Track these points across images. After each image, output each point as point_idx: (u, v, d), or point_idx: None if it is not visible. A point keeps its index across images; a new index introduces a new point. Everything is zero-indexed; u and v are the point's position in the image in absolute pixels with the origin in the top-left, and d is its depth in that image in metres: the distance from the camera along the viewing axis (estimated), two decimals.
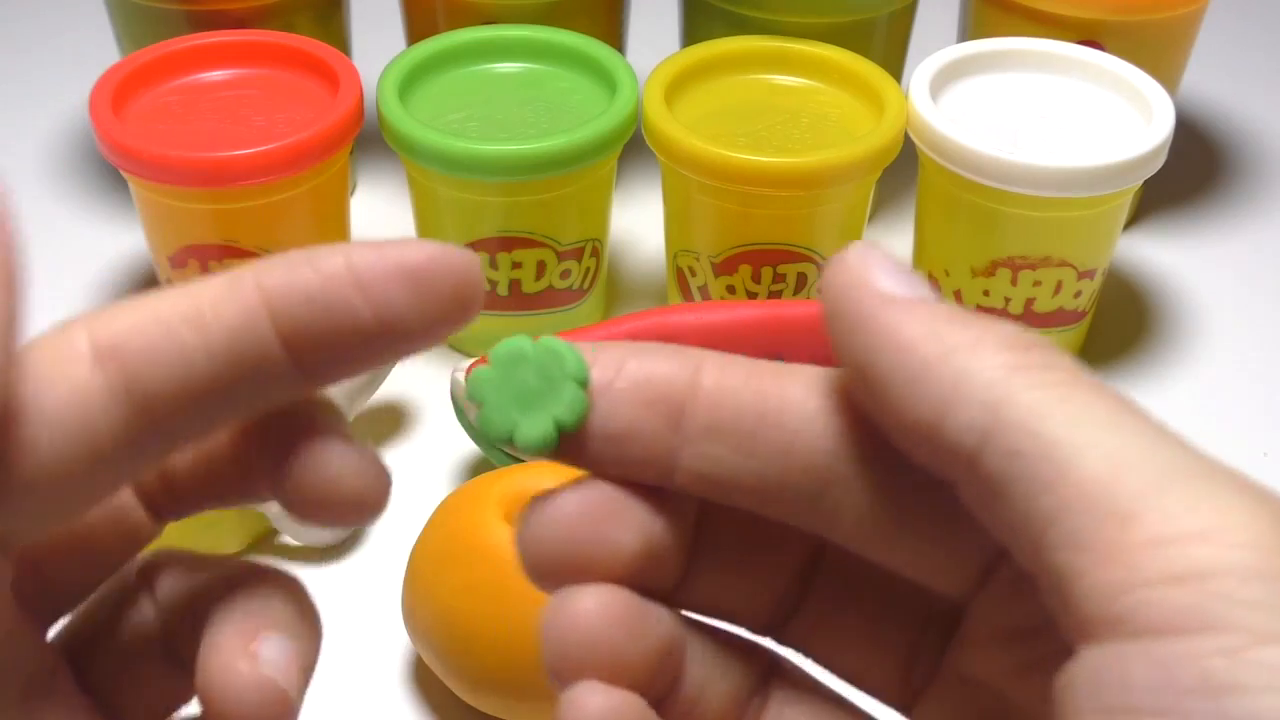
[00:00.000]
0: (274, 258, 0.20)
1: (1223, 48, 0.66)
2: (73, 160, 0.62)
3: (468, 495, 0.36)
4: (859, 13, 0.52)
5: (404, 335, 0.20)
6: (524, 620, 0.34)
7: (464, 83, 0.50)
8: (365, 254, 0.20)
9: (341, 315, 0.20)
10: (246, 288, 0.20)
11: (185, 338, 0.20)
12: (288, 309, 0.20)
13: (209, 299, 0.20)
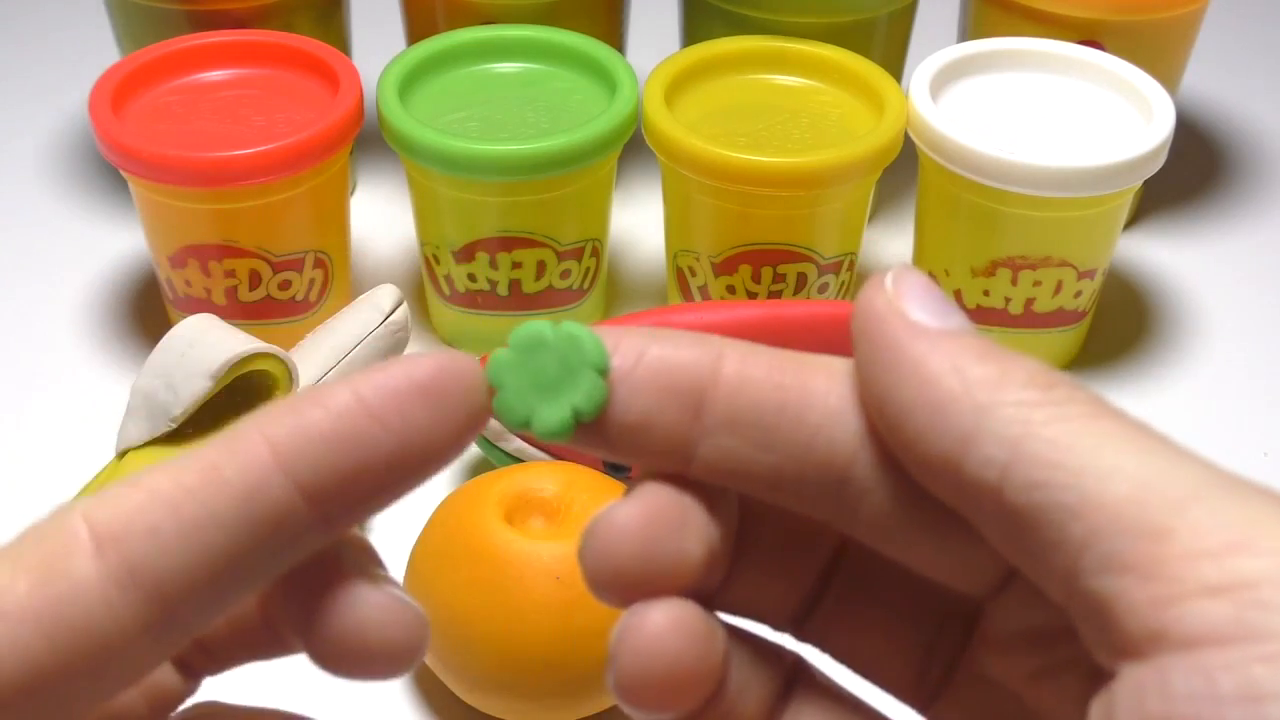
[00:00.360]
0: (275, 405, 0.19)
1: (1223, 48, 0.66)
2: (73, 160, 0.62)
3: (468, 495, 0.36)
4: (859, 13, 0.52)
5: (427, 456, 0.19)
6: (523, 620, 0.34)
7: (464, 83, 0.50)
8: (372, 381, 0.19)
9: (362, 451, 0.19)
10: (253, 445, 0.18)
11: (192, 514, 0.18)
12: (303, 458, 0.18)
13: (213, 466, 0.18)
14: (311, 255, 0.48)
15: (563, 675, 0.34)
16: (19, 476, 0.46)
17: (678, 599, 0.21)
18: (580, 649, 0.34)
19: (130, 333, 0.52)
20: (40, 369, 0.50)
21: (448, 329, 0.51)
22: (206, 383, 0.39)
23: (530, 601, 0.34)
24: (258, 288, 0.48)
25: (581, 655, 0.34)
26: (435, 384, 0.19)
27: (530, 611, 0.34)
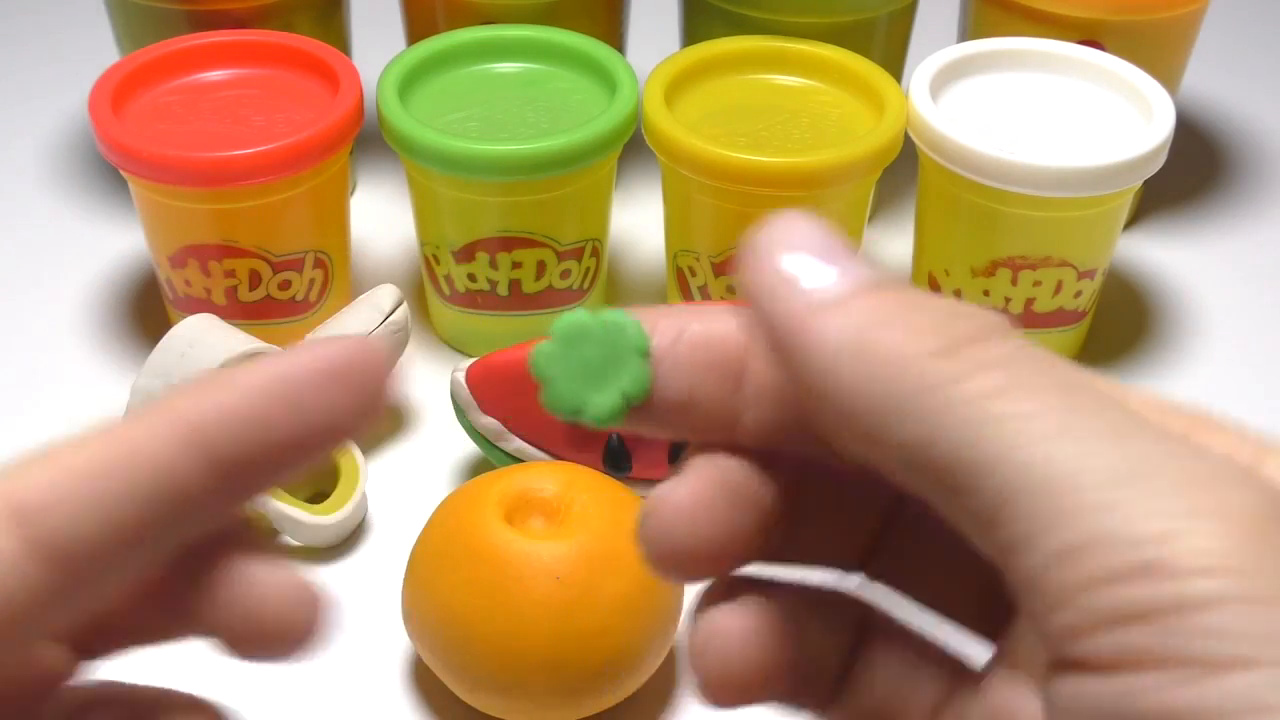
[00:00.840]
0: (189, 385, 0.20)
1: (1223, 48, 0.66)
2: (73, 160, 0.62)
3: (468, 495, 0.36)
4: (859, 13, 0.52)
5: (331, 437, 0.20)
6: (523, 620, 0.34)
7: (464, 83, 0.50)
8: (284, 364, 0.20)
9: (272, 431, 0.19)
10: (168, 421, 0.19)
11: (105, 488, 0.19)
12: (216, 436, 0.19)
13: (128, 440, 0.19)
14: (311, 255, 0.48)
15: (563, 675, 0.34)
16: None
17: (752, 598, 0.22)
18: (580, 649, 0.34)
19: (130, 333, 0.52)
20: (40, 369, 0.50)
21: (448, 329, 0.51)
22: None
23: (530, 602, 0.34)
24: (258, 288, 0.48)
25: (581, 655, 0.34)
26: (345, 369, 0.20)
27: (530, 611, 0.34)
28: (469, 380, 0.43)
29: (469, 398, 0.43)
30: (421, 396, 0.49)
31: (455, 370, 0.43)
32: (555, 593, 0.34)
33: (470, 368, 0.43)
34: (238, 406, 0.19)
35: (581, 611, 0.34)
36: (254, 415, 0.19)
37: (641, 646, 0.35)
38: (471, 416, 0.43)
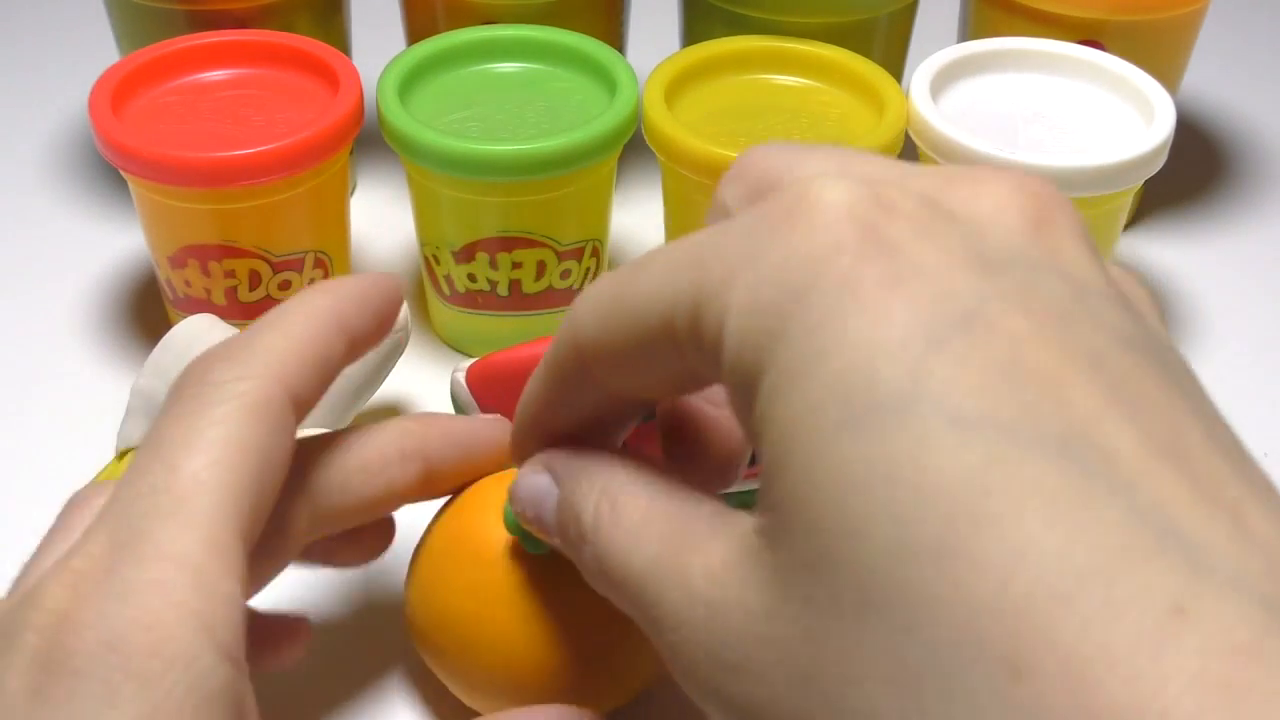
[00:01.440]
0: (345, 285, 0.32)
1: (1223, 48, 0.66)
2: (73, 160, 0.62)
3: (471, 497, 0.36)
4: (859, 13, 0.52)
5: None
6: (525, 627, 0.34)
7: (464, 83, 0.50)
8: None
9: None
10: (325, 324, 0.32)
11: (316, 362, 0.30)
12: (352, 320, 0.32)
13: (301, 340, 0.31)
14: (311, 255, 0.48)
15: (565, 680, 0.34)
16: (19, 476, 0.46)
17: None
18: (584, 655, 0.34)
19: (130, 333, 0.52)
20: (40, 369, 0.50)
21: (448, 329, 0.51)
22: None
23: (532, 608, 0.34)
24: (258, 288, 0.48)
25: (585, 660, 0.34)
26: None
27: (532, 618, 0.34)
28: (469, 380, 0.43)
29: (469, 398, 0.43)
30: (421, 396, 0.49)
31: (455, 370, 0.43)
32: (561, 604, 0.34)
33: (470, 368, 0.43)
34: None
35: (590, 627, 0.34)
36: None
37: (646, 650, 0.35)
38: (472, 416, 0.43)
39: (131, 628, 0.24)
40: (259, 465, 0.28)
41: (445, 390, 0.44)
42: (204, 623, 0.25)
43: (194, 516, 0.26)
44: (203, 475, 0.27)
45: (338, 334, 0.31)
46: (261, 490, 0.28)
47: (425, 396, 0.49)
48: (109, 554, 0.26)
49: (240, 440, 0.27)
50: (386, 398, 0.49)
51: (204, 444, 0.27)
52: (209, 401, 0.28)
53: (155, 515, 0.26)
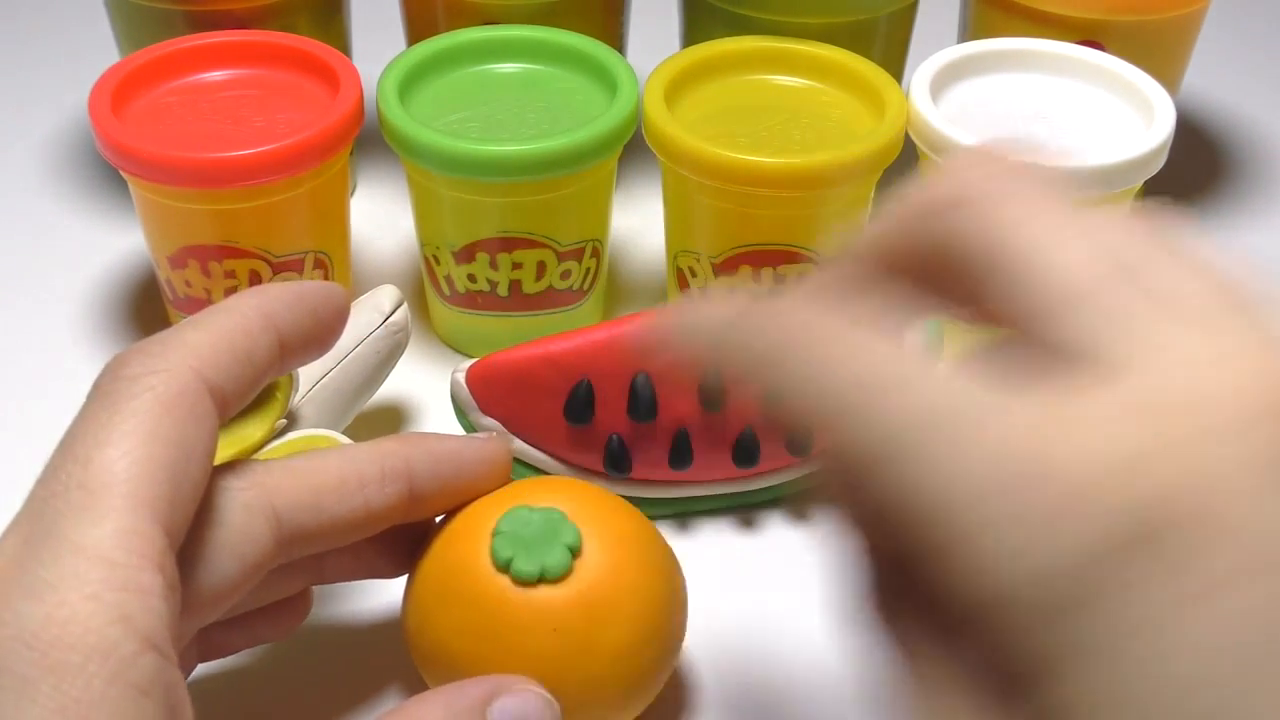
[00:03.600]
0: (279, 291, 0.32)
1: (1223, 48, 0.66)
2: (73, 160, 0.62)
3: (460, 526, 0.35)
4: (859, 13, 0.52)
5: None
6: (518, 669, 0.33)
7: (464, 83, 0.50)
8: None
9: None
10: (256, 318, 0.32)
11: (243, 356, 0.31)
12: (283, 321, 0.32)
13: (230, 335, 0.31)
14: (311, 256, 0.48)
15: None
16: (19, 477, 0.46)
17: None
18: (577, 698, 0.33)
19: (130, 333, 0.52)
20: (40, 369, 0.50)
21: (448, 329, 0.51)
22: None
23: (525, 652, 0.33)
24: None
25: (579, 703, 0.33)
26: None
27: (525, 662, 0.33)
28: (469, 381, 0.43)
29: (469, 398, 0.43)
30: (421, 397, 0.49)
31: (455, 371, 0.43)
32: (552, 644, 0.33)
33: (470, 368, 0.43)
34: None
35: (579, 661, 0.33)
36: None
37: (640, 687, 0.35)
38: (472, 417, 0.43)
39: (46, 623, 0.24)
40: (175, 456, 0.27)
41: (445, 390, 0.44)
42: (121, 613, 0.25)
43: (106, 509, 0.26)
44: (115, 467, 0.26)
45: (262, 330, 0.31)
46: (180, 481, 0.27)
47: (425, 397, 0.49)
48: (22, 551, 0.26)
49: (154, 432, 0.27)
50: (386, 398, 0.49)
51: (116, 437, 0.27)
52: (122, 396, 0.28)
53: (67, 510, 0.26)
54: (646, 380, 0.42)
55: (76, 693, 0.24)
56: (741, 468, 0.43)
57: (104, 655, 0.24)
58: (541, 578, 0.33)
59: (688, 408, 0.42)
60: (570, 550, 0.34)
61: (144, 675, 0.25)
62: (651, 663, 0.35)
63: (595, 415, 0.42)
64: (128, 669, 0.24)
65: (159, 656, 0.25)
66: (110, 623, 0.25)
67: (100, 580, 0.25)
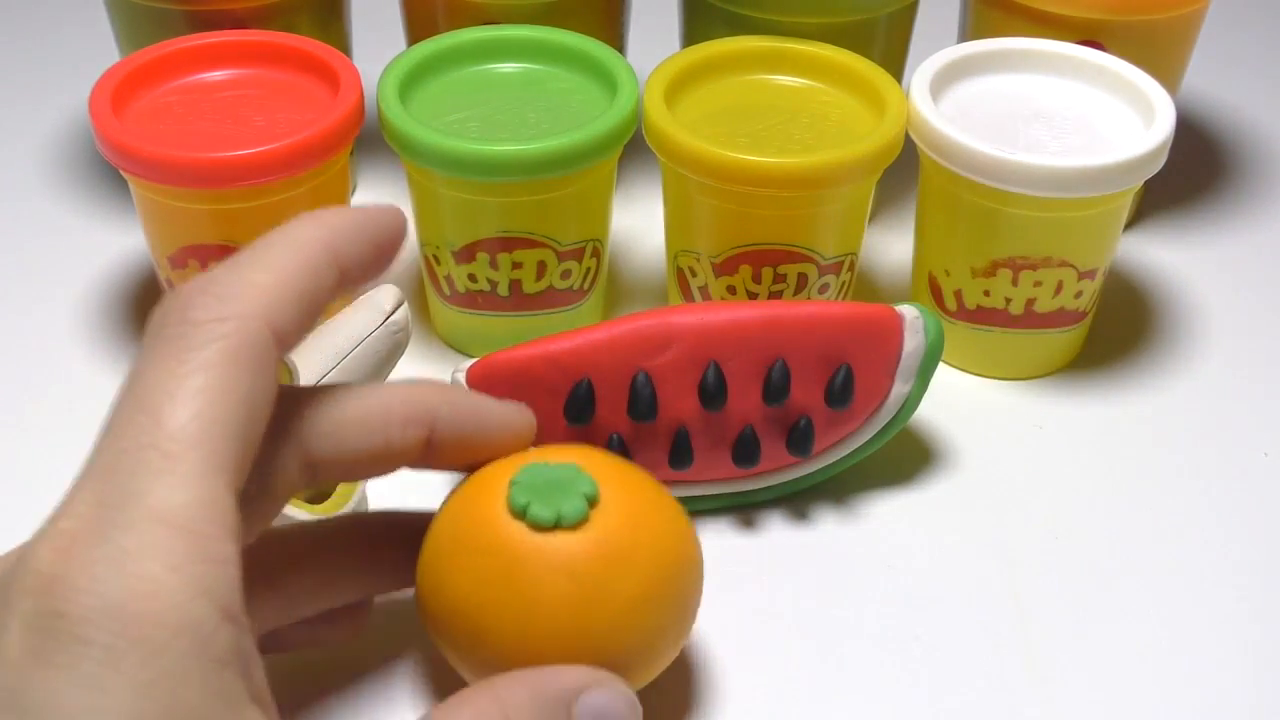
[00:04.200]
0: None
1: (1223, 48, 0.66)
2: (73, 160, 0.62)
3: (480, 481, 0.36)
4: (859, 13, 0.52)
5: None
6: (533, 617, 0.33)
7: (464, 83, 0.50)
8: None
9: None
10: (316, 251, 0.31)
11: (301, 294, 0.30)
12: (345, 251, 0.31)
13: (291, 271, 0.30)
14: None
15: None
16: (19, 477, 0.46)
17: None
18: (591, 647, 0.34)
19: (130, 333, 0.52)
20: (40, 369, 0.50)
21: (448, 329, 0.51)
22: None
23: (542, 599, 0.33)
24: None
25: (593, 653, 0.34)
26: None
27: (541, 609, 0.33)
28: (469, 381, 0.43)
29: None
30: None
31: (455, 371, 0.43)
32: (567, 590, 0.33)
33: (471, 368, 0.43)
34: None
35: (594, 609, 0.33)
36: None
37: (654, 644, 0.35)
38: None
39: (130, 595, 0.24)
40: (246, 414, 0.27)
41: None
42: (203, 586, 0.25)
43: (184, 474, 0.26)
44: (190, 428, 0.26)
45: (328, 266, 0.30)
46: (248, 439, 0.27)
47: None
48: (97, 514, 0.26)
49: (225, 388, 0.27)
50: None
51: (188, 394, 0.26)
52: (190, 344, 0.27)
53: (144, 473, 0.26)
54: (646, 380, 0.42)
55: (163, 666, 0.24)
56: (741, 468, 0.43)
57: (189, 630, 0.25)
58: (557, 524, 0.33)
59: (688, 408, 0.42)
60: (587, 499, 0.34)
61: (224, 647, 0.25)
62: (667, 618, 0.35)
63: (595, 415, 0.42)
64: (210, 643, 0.25)
65: (236, 627, 0.26)
66: (193, 597, 0.25)
67: (183, 552, 0.25)
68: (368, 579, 0.37)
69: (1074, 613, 0.42)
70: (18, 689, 0.24)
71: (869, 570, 0.43)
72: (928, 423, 0.48)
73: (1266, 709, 0.39)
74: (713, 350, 0.42)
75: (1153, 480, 0.47)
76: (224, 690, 0.25)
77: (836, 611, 0.42)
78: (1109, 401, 0.50)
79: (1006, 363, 0.50)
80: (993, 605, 0.42)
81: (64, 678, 0.24)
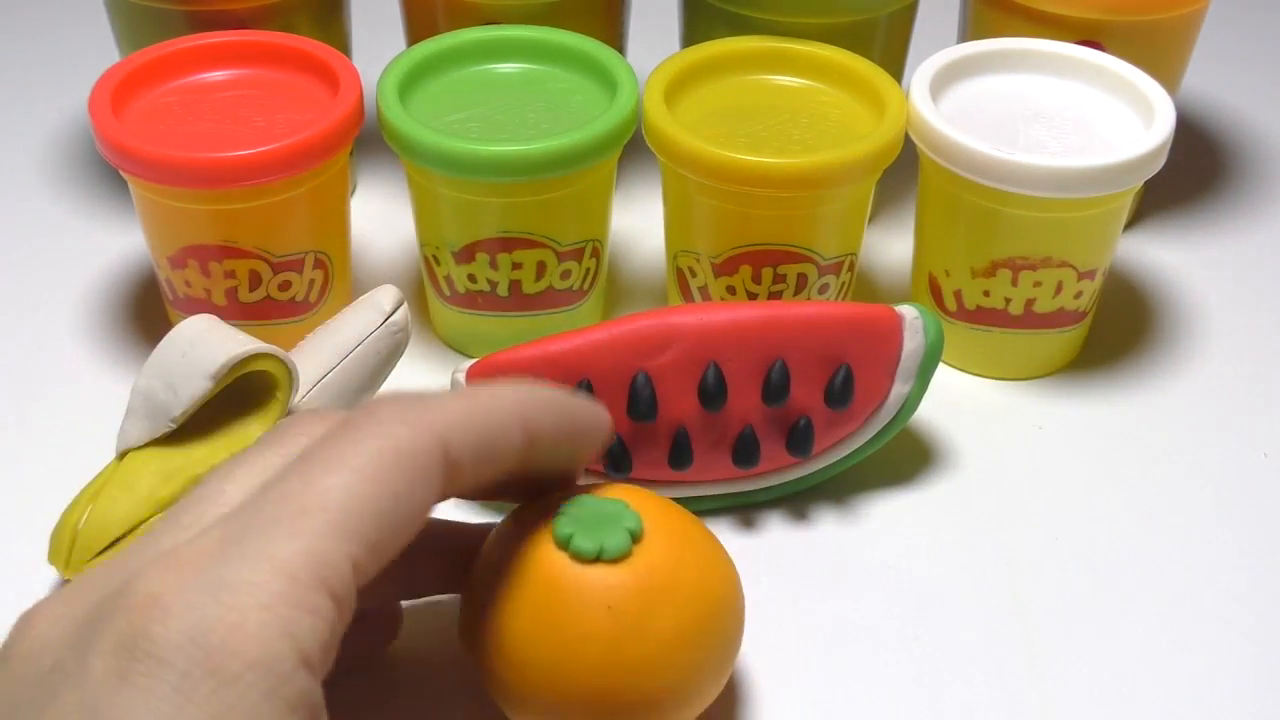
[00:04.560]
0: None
1: (1223, 48, 0.66)
2: (73, 160, 0.62)
3: (528, 513, 0.36)
4: (859, 13, 0.52)
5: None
6: (571, 649, 0.33)
7: (464, 83, 0.50)
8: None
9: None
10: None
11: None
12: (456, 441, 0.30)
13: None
14: (311, 256, 0.48)
15: (610, 705, 0.34)
16: (19, 477, 0.46)
17: None
18: (629, 682, 0.33)
19: (130, 333, 0.52)
20: (40, 369, 0.50)
21: (448, 330, 0.51)
22: (207, 383, 0.39)
23: (580, 630, 0.33)
24: (258, 288, 0.48)
25: (630, 688, 0.33)
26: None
27: (579, 641, 0.33)
28: (469, 381, 0.43)
29: None
30: None
31: (456, 371, 0.43)
32: (606, 623, 0.33)
33: (471, 369, 0.43)
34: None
35: (631, 644, 0.33)
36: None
37: (692, 681, 0.34)
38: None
39: (217, 624, 0.25)
40: (389, 506, 0.28)
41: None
42: (288, 629, 0.25)
43: (304, 528, 0.26)
44: (330, 496, 0.27)
45: (516, 423, 0.31)
46: (385, 528, 0.28)
47: None
48: (216, 548, 0.26)
49: (377, 476, 0.28)
50: None
51: (343, 468, 0.28)
52: (365, 435, 0.28)
53: (271, 519, 0.27)
54: (646, 380, 0.42)
55: (233, 699, 0.24)
56: (741, 468, 0.43)
57: (265, 668, 0.25)
58: (599, 556, 0.33)
59: (687, 408, 0.42)
60: (631, 534, 0.34)
61: (296, 692, 0.25)
62: (706, 657, 0.34)
63: None
64: (283, 685, 0.25)
65: (311, 676, 0.26)
66: (276, 636, 0.25)
67: (278, 593, 0.25)
68: (405, 582, 0.37)
69: (1074, 613, 0.42)
70: (96, 706, 0.24)
71: (869, 570, 0.43)
72: (928, 423, 0.48)
73: (1266, 709, 0.39)
74: (712, 350, 0.42)
75: (1152, 480, 0.47)
76: None
77: (836, 611, 0.42)
78: (1109, 401, 0.50)
79: (1006, 363, 0.51)
80: (993, 605, 0.42)
81: (140, 700, 0.24)
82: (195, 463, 0.40)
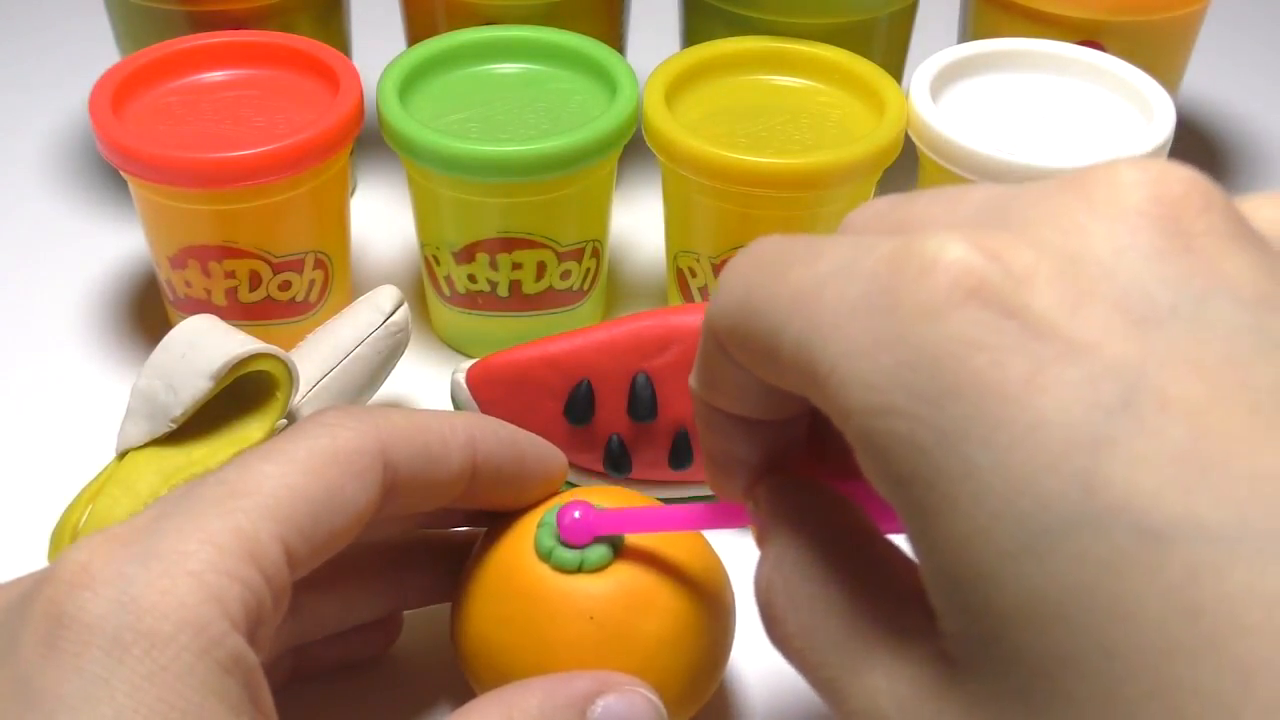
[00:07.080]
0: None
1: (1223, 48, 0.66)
2: (73, 160, 0.62)
3: (511, 524, 0.36)
4: (859, 13, 0.52)
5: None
6: (554, 659, 0.33)
7: (464, 83, 0.50)
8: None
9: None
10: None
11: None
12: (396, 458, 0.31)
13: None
14: (311, 256, 0.48)
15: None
16: (19, 477, 0.46)
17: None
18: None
19: (130, 333, 0.52)
20: (40, 369, 0.50)
21: (448, 330, 0.51)
22: (207, 383, 0.39)
23: (562, 641, 0.33)
24: (258, 288, 0.48)
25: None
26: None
27: (562, 651, 0.33)
28: (469, 381, 0.43)
29: (469, 399, 0.43)
30: (422, 398, 0.49)
31: (455, 371, 0.43)
32: (588, 633, 0.33)
33: (471, 369, 0.43)
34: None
35: (615, 652, 0.33)
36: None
37: (680, 686, 0.34)
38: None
39: (147, 589, 0.25)
40: (324, 499, 0.29)
41: (445, 391, 0.45)
42: (216, 594, 0.26)
43: (236, 508, 0.27)
44: (265, 483, 0.28)
45: (460, 444, 0.32)
46: (319, 520, 0.29)
47: (425, 397, 0.49)
48: (149, 525, 0.27)
49: (315, 470, 0.29)
50: (387, 398, 0.49)
51: (280, 457, 0.29)
52: (307, 433, 0.30)
53: (206, 500, 0.27)
54: (646, 380, 0.42)
55: (165, 660, 0.25)
56: None
57: (195, 629, 0.25)
58: (581, 567, 0.33)
59: (688, 408, 0.42)
60: (611, 544, 0.34)
61: (229, 655, 0.26)
62: (691, 662, 0.34)
63: (595, 415, 0.42)
64: (215, 646, 0.25)
65: (243, 641, 0.26)
66: (204, 601, 0.26)
67: (206, 562, 0.26)
68: (396, 595, 0.38)
69: None
70: (27, 676, 0.25)
71: None
72: None
73: None
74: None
75: None
76: (226, 695, 0.26)
77: None
78: None
79: None
80: None
81: (70, 665, 0.25)
82: (195, 463, 0.40)
